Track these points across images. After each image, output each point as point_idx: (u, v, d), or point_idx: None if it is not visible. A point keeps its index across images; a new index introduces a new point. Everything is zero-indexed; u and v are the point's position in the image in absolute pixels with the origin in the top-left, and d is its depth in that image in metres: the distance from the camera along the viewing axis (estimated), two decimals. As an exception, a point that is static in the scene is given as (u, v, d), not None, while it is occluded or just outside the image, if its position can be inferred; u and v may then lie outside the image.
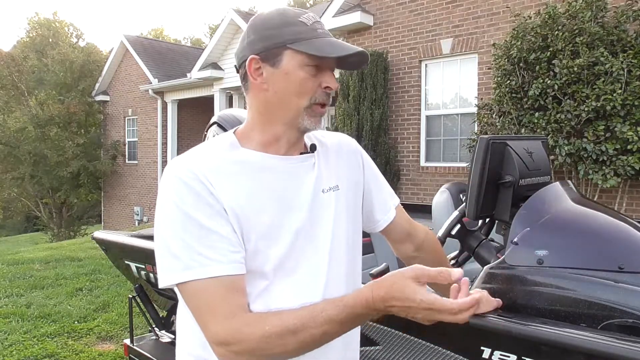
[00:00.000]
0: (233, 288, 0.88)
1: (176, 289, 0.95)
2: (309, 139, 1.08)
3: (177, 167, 0.94)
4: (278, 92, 0.97)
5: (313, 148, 1.06)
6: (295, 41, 0.94)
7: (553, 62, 5.27)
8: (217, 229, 0.89)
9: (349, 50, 0.95)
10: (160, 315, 2.84)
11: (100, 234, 3.01)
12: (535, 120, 5.34)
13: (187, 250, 0.88)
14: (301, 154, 1.04)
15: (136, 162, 15.77)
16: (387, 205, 1.24)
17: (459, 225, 1.92)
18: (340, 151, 1.13)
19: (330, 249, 1.02)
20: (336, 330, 0.87)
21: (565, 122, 5.15)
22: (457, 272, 0.86)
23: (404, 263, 1.30)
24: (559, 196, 1.65)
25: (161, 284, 0.91)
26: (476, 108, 6.61)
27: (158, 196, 0.95)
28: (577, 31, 5.19)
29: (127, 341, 2.79)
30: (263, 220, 0.94)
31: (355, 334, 1.15)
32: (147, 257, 2.49)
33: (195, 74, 12.33)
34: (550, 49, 5.34)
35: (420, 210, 3.72)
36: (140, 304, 2.77)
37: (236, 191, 0.93)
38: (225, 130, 1.95)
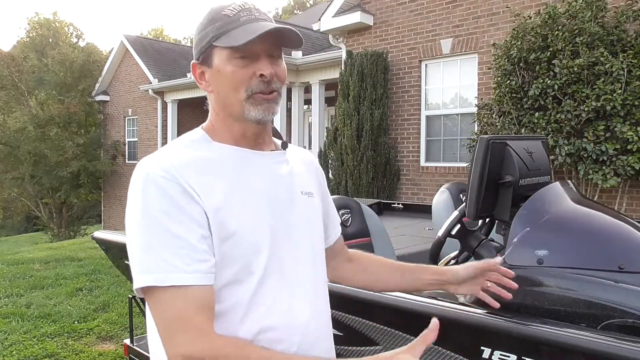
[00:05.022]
0: (201, 302, 0.84)
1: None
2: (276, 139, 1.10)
3: (149, 166, 0.90)
4: (219, 91, 0.97)
5: (284, 145, 1.07)
6: (218, 37, 0.94)
7: (553, 62, 5.26)
8: (184, 235, 0.85)
9: (257, 32, 0.91)
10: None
11: (100, 234, 3.01)
12: (535, 120, 5.34)
13: (152, 255, 0.84)
14: (272, 151, 1.05)
15: (136, 162, 15.46)
16: (334, 224, 1.26)
17: (459, 225, 1.92)
18: (308, 165, 1.14)
19: (312, 245, 1.04)
20: None
21: (565, 122, 5.15)
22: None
23: (339, 279, 1.30)
24: (559, 196, 1.65)
25: (134, 285, 0.87)
26: (476, 108, 6.61)
27: (128, 197, 0.90)
28: (577, 31, 5.18)
29: (127, 341, 2.79)
30: (245, 213, 0.92)
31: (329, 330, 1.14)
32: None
33: (195, 74, 12.32)
34: (550, 49, 5.33)
35: (420, 210, 3.72)
36: (140, 304, 2.77)
37: (215, 187, 0.91)
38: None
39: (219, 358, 0.82)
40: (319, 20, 8.39)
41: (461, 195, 2.88)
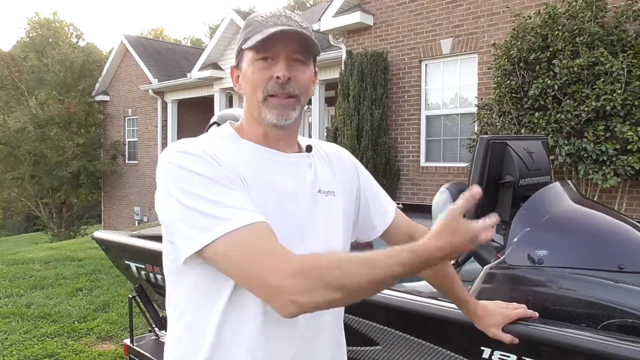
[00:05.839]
0: (272, 232, 0.88)
1: (189, 263, 0.90)
2: (302, 141, 1.10)
3: (178, 146, 0.94)
4: (245, 92, 1.02)
5: (309, 149, 1.08)
6: (245, 41, 0.99)
7: (553, 62, 5.26)
8: (236, 188, 0.90)
9: (269, 32, 0.94)
10: (160, 315, 2.84)
11: (100, 234, 3.01)
12: (535, 120, 5.34)
13: (218, 206, 0.86)
14: (295, 153, 1.06)
15: (136, 162, 15.76)
16: (384, 209, 1.23)
17: (459, 225, 1.92)
18: (335, 160, 1.14)
19: (326, 246, 1.02)
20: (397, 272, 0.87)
21: (565, 122, 5.15)
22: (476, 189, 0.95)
23: None
24: (559, 196, 1.65)
25: (197, 247, 0.86)
26: (476, 108, 6.61)
27: (161, 174, 0.92)
28: (577, 31, 5.18)
29: (127, 341, 2.79)
30: (262, 211, 0.93)
31: (341, 335, 1.15)
32: (147, 257, 2.49)
33: (195, 74, 12.32)
34: (550, 49, 5.33)
35: (420, 210, 3.71)
36: (140, 304, 2.77)
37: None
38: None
39: (316, 266, 0.84)
40: (319, 20, 8.39)
41: (461, 195, 2.88)
